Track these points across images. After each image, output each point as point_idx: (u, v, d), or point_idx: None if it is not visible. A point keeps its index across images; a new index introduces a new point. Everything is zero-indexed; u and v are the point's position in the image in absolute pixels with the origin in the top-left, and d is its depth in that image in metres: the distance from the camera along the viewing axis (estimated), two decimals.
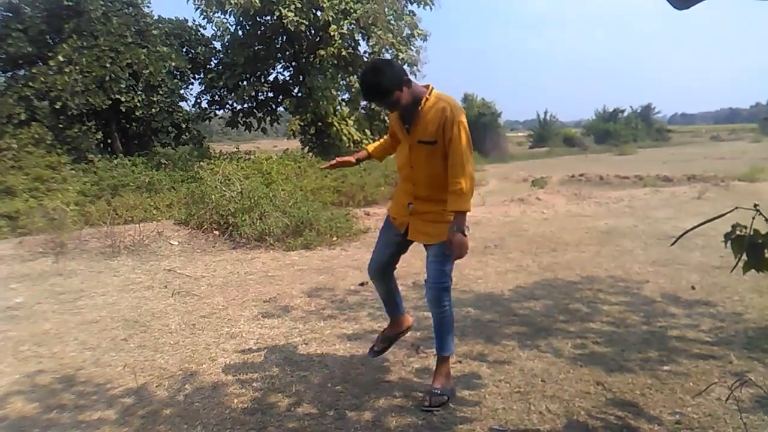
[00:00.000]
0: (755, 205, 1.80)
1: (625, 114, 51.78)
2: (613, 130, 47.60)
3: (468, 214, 2.89)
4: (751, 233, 1.80)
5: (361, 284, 5.59)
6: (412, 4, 17.36)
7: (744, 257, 1.86)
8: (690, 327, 4.11)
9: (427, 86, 2.92)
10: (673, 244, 2.43)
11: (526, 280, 5.61)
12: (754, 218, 1.79)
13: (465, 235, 2.84)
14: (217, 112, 19.45)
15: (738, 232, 1.84)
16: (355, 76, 16.68)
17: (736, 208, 1.85)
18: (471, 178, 2.86)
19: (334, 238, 7.92)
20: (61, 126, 14.85)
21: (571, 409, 2.90)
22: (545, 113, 49.05)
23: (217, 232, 8.27)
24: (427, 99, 2.87)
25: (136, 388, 3.34)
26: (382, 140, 3.40)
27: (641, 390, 3.10)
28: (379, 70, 2.78)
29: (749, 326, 4.06)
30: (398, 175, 3.20)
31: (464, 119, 2.87)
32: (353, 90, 16.40)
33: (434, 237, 2.94)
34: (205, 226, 8.33)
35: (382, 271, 3.23)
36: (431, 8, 17.42)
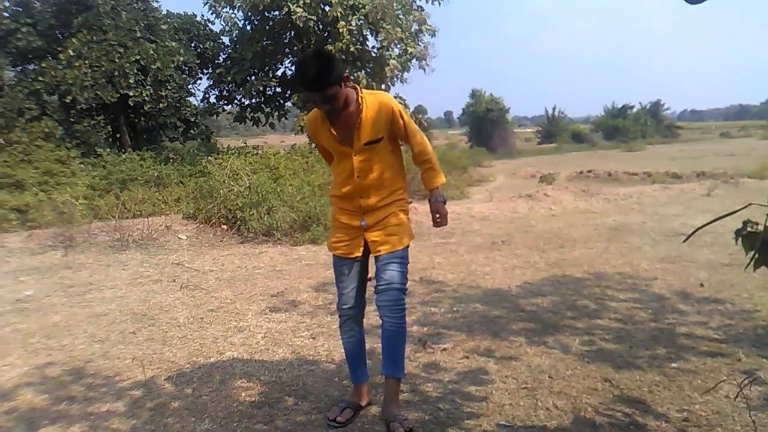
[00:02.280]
0: None
1: (634, 110, 51.55)
2: (622, 127, 47.36)
3: (476, 209, 2.90)
4: (763, 229, 1.79)
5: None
6: None
7: (755, 254, 1.85)
8: (699, 324, 4.09)
9: (354, 87, 2.68)
10: (685, 241, 2.41)
11: (534, 277, 5.60)
12: (766, 220, 1.78)
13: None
14: (225, 107, 19.46)
15: (749, 229, 1.82)
16: (363, 71, 16.68)
17: (750, 204, 1.83)
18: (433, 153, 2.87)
19: None
20: (71, 120, 14.92)
21: (579, 406, 2.89)
22: (553, 109, 48.96)
23: (225, 227, 8.30)
24: (363, 99, 2.65)
25: (145, 380, 3.36)
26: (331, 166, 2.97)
27: (649, 387, 3.09)
28: (327, 57, 2.52)
29: (759, 324, 4.04)
30: (333, 200, 2.86)
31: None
32: (361, 85, 16.39)
33: (396, 243, 2.73)
34: (213, 221, 8.36)
35: (360, 307, 2.91)
36: (440, 4, 17.33)
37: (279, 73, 18.44)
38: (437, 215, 2.83)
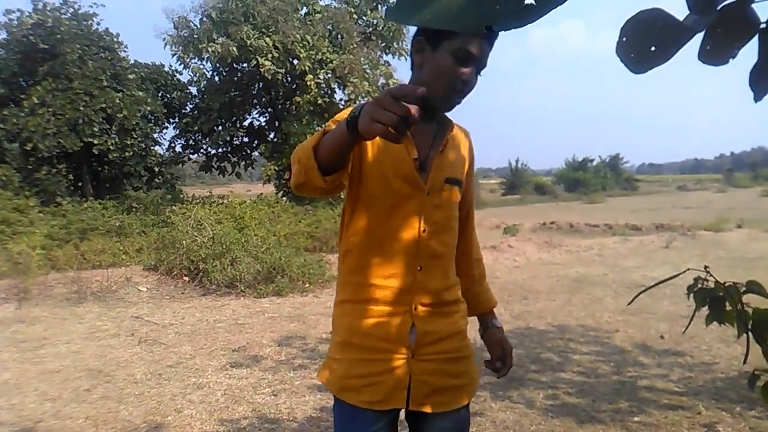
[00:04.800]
0: (705, 267, 1.87)
1: (594, 163, 53.04)
2: (583, 179, 48.60)
3: None
4: (712, 286, 1.86)
5: None
6: (387, 54, 17.80)
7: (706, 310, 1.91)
8: (659, 377, 4.14)
9: None
10: (630, 303, 2.48)
11: None
12: (706, 275, 1.86)
13: None
14: (191, 156, 19.40)
15: (699, 285, 1.89)
16: None
17: (687, 269, 1.92)
18: None
19: (307, 285, 7.86)
20: (30, 168, 14.66)
21: None
22: (517, 161, 50.04)
23: (186, 278, 8.14)
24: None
25: None
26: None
27: None
28: None
29: (717, 376, 4.11)
30: (350, 283, 1.53)
31: None
32: None
33: (457, 394, 1.52)
34: (175, 272, 8.20)
35: None
36: (406, 59, 17.88)
37: (246, 123, 18.55)
38: (504, 353, 1.74)
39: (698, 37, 0.96)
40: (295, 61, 15.48)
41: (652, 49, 0.92)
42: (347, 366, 1.45)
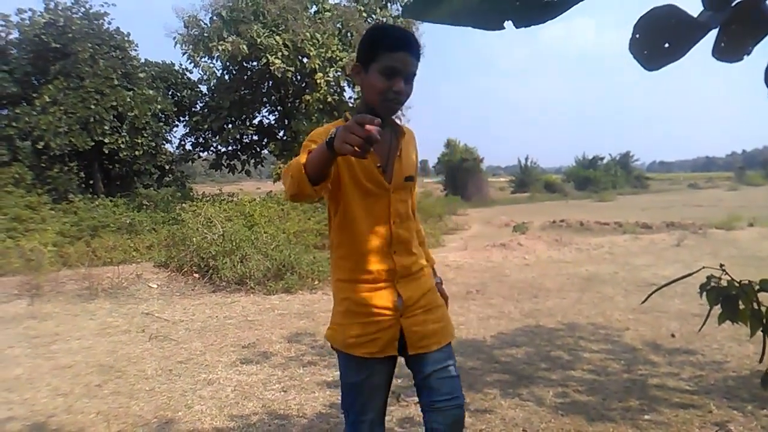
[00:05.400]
0: (721, 265, 1.86)
1: (605, 161, 52.77)
2: (593, 177, 48.36)
3: (451, 258, 2.77)
4: (725, 285, 1.84)
5: None
6: None
7: (719, 308, 1.90)
8: (670, 375, 4.11)
9: None
10: (644, 302, 2.47)
11: (508, 327, 5.61)
12: (721, 275, 1.84)
13: None
14: (201, 154, 19.49)
15: (712, 284, 1.88)
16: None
17: (703, 267, 1.90)
18: None
19: (316, 282, 7.88)
20: (42, 166, 14.80)
21: None
22: (526, 159, 49.85)
23: (197, 275, 8.19)
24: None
25: None
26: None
27: None
28: None
29: (729, 375, 4.08)
30: (342, 269, 1.93)
31: None
32: None
33: (447, 333, 1.98)
34: (185, 269, 8.25)
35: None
36: None
37: (256, 121, 18.61)
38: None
39: (712, 34, 0.95)
40: (305, 60, 15.51)
41: (666, 46, 0.92)
42: (349, 328, 1.87)
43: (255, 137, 18.62)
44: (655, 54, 0.93)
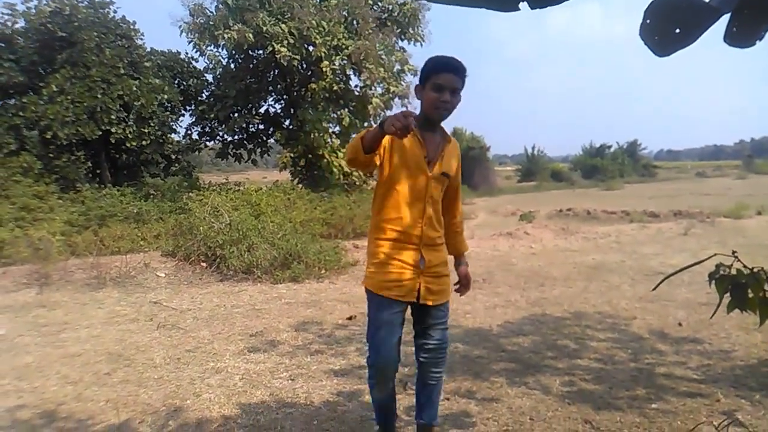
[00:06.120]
0: (733, 252, 1.84)
1: (612, 150, 52.43)
2: (600, 166, 48.09)
3: None
4: (734, 273, 1.83)
5: (350, 318, 5.56)
6: (402, 40, 17.68)
7: (728, 296, 1.89)
8: (677, 364, 4.11)
9: None
10: (654, 289, 2.45)
11: (515, 315, 5.61)
12: (733, 262, 1.82)
13: None
14: (207, 143, 19.48)
15: (722, 272, 1.86)
16: (346, 110, 16.87)
17: (715, 254, 1.88)
18: None
19: (323, 271, 7.90)
20: (50, 155, 14.82)
21: None
22: (533, 148, 49.59)
23: (204, 264, 8.22)
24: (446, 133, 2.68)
25: (119, 424, 3.27)
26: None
27: (629, 428, 3.09)
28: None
29: (736, 364, 4.07)
30: (382, 228, 2.57)
31: None
32: (344, 123, 16.52)
33: (447, 294, 2.65)
34: (193, 258, 8.29)
35: (396, 361, 2.60)
36: (421, 44, 17.74)
37: (262, 110, 18.58)
38: (466, 281, 2.88)
39: (723, 19, 0.93)
40: (311, 48, 15.45)
41: (677, 31, 0.90)
42: (383, 276, 2.51)
43: (261, 126, 18.59)
44: (666, 40, 0.91)
